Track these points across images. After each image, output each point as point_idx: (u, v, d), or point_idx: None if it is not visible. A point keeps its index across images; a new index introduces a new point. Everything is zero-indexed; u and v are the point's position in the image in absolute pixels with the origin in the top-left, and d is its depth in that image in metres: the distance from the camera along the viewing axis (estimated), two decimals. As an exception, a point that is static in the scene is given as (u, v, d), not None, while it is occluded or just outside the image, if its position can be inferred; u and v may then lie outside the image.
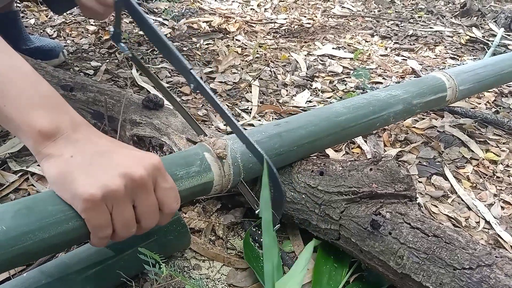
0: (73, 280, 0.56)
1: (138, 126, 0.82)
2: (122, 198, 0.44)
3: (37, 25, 1.56)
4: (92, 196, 0.42)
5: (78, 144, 0.46)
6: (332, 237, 0.67)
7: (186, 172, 0.58)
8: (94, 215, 0.44)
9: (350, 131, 0.78)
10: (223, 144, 0.63)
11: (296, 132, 0.71)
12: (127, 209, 0.46)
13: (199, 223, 0.76)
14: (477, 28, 1.97)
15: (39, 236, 0.43)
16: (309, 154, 0.75)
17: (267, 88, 1.29)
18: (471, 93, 1.04)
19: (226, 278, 0.68)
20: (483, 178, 0.97)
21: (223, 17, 1.83)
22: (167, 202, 0.49)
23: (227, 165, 0.62)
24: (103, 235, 0.46)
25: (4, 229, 0.42)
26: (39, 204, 0.45)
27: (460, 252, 0.55)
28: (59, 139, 0.45)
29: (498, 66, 1.06)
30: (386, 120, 0.84)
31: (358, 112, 0.79)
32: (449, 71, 0.98)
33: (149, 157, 0.48)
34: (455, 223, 0.83)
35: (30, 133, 0.44)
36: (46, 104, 0.46)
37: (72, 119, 0.47)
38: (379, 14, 2.14)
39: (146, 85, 1.19)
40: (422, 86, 0.91)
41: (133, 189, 0.45)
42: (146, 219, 0.48)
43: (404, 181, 0.65)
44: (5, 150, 0.89)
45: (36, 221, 0.44)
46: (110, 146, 0.48)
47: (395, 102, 0.85)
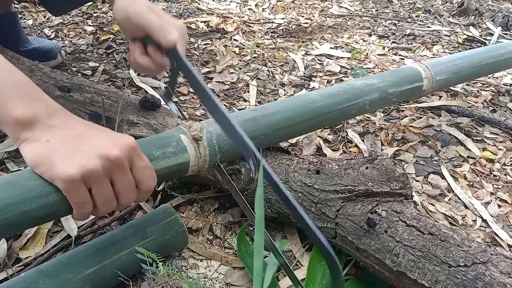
0: (71, 280, 0.56)
1: (135, 127, 0.82)
2: (100, 177, 0.47)
3: (35, 26, 1.56)
4: (71, 176, 0.45)
5: (55, 128, 0.48)
6: (328, 235, 0.68)
7: (162, 153, 0.59)
8: (74, 193, 0.46)
9: (325, 117, 0.80)
10: (199, 126, 0.65)
11: (272, 117, 0.73)
12: (106, 187, 0.48)
13: (196, 222, 0.77)
14: (475, 27, 1.98)
15: (21, 208, 0.46)
16: (286, 139, 0.77)
17: (264, 88, 1.29)
18: (450, 83, 1.06)
19: (224, 277, 0.68)
20: (480, 177, 0.98)
21: (221, 17, 1.83)
22: (143, 180, 0.52)
23: (202, 146, 0.64)
24: (85, 211, 0.48)
25: None
26: (20, 179, 0.47)
27: (455, 250, 0.55)
28: (35, 126, 0.47)
29: (476, 58, 1.08)
30: (362, 108, 0.86)
31: (333, 99, 0.81)
32: (426, 62, 1.00)
33: (124, 138, 0.51)
34: (452, 221, 0.84)
35: (8, 121, 0.47)
36: (22, 93, 0.48)
37: (47, 105, 0.49)
38: (376, 13, 2.14)
39: (144, 85, 1.20)
40: (398, 76, 0.94)
41: (110, 168, 0.47)
42: (124, 196, 0.50)
43: (400, 180, 0.65)
44: (2, 149, 0.89)
45: (18, 194, 0.46)
46: (86, 129, 0.50)
47: (371, 91, 0.87)
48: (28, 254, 0.69)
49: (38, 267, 0.58)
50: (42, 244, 0.71)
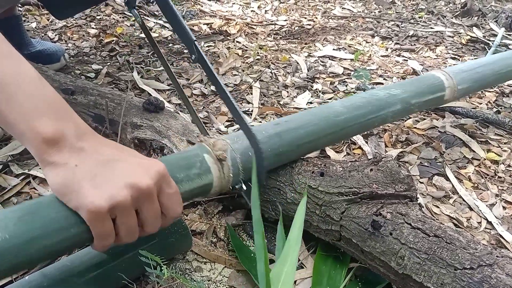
0: (75, 282, 0.56)
1: (139, 129, 0.82)
2: (128, 208, 0.45)
3: (39, 29, 1.57)
4: (99, 208, 0.43)
5: (83, 153, 0.45)
6: (333, 238, 0.67)
7: (186, 175, 0.58)
8: (99, 225, 0.44)
9: (348, 131, 0.79)
10: (223, 145, 0.63)
11: (296, 132, 0.71)
12: (131, 217, 0.46)
13: (200, 225, 0.77)
14: (478, 28, 1.97)
15: (43, 243, 0.44)
16: (308, 153, 0.75)
17: (267, 89, 1.29)
18: (470, 92, 1.04)
19: (228, 280, 0.68)
20: (484, 178, 0.97)
21: (224, 19, 1.83)
22: (171, 207, 0.50)
23: (226, 166, 0.62)
24: (107, 242, 0.46)
25: (7, 238, 0.42)
26: (42, 210, 0.45)
27: (461, 252, 0.55)
28: (63, 147, 0.45)
29: (497, 65, 1.06)
30: (384, 120, 0.84)
31: (357, 111, 0.79)
32: (448, 70, 0.97)
33: (154, 164, 0.48)
34: (456, 223, 0.83)
35: (34, 140, 0.44)
36: (51, 111, 0.46)
37: (76, 126, 0.47)
38: (379, 14, 2.14)
39: (147, 88, 1.20)
40: (421, 85, 0.91)
41: (139, 198, 0.46)
42: (150, 224, 0.49)
43: (405, 182, 0.65)
44: (7, 152, 0.89)
45: (39, 228, 0.44)
46: (116, 154, 0.47)
47: (394, 102, 0.85)
48: (32, 257, 0.69)
49: (43, 270, 0.58)
50: (46, 247, 0.71)
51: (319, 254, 0.72)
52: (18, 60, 0.47)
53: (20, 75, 0.46)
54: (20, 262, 0.43)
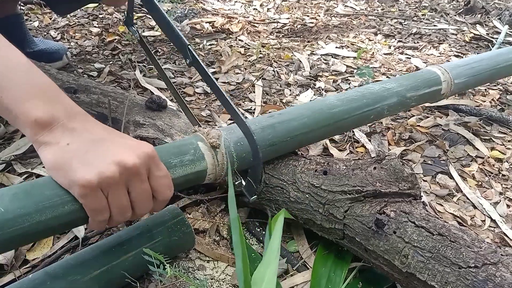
0: (78, 281, 0.56)
1: (142, 127, 0.82)
2: (117, 184, 0.46)
3: (41, 28, 1.57)
4: (89, 182, 0.44)
5: (74, 132, 0.47)
6: (336, 236, 0.67)
7: (180, 161, 0.59)
8: (91, 200, 0.46)
9: (343, 123, 0.79)
10: (217, 134, 0.64)
11: (289, 123, 0.72)
12: (122, 195, 0.48)
13: (203, 223, 0.76)
14: (481, 25, 1.96)
15: (36, 218, 0.45)
16: (303, 146, 0.76)
17: (270, 88, 1.29)
18: (467, 86, 1.05)
19: (231, 278, 0.68)
20: (488, 177, 0.97)
21: (226, 18, 1.83)
22: (160, 190, 0.51)
23: (220, 154, 0.63)
24: (101, 218, 0.48)
25: (2, 211, 0.44)
26: (36, 188, 0.47)
27: (465, 251, 0.54)
28: (55, 128, 0.47)
29: (493, 60, 1.06)
30: (380, 113, 0.85)
31: (352, 104, 0.80)
32: (444, 65, 0.98)
33: (142, 146, 0.50)
34: (460, 221, 0.83)
35: (27, 122, 0.46)
36: (42, 94, 0.48)
37: (67, 107, 0.49)
38: (382, 12, 2.13)
39: (150, 86, 1.20)
40: (417, 79, 0.92)
41: (127, 176, 0.47)
42: (140, 205, 0.50)
43: (408, 180, 0.65)
44: (10, 153, 0.89)
45: (33, 204, 0.46)
46: (106, 134, 0.49)
47: (389, 95, 0.85)
48: (36, 256, 0.69)
49: (46, 268, 0.58)
50: (49, 246, 0.71)
51: (319, 255, 0.72)
52: (6, 47, 0.49)
53: (9, 61, 0.48)
54: (16, 236, 0.44)
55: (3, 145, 0.93)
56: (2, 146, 0.93)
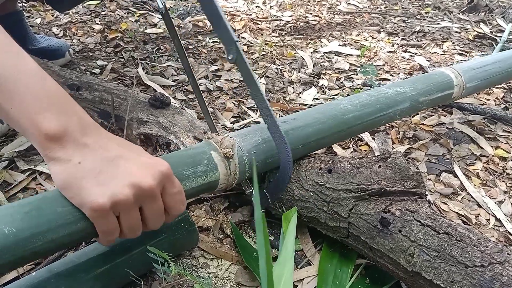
0: (82, 278, 0.56)
1: (145, 125, 0.82)
2: (130, 206, 0.45)
3: (43, 25, 1.57)
4: (101, 206, 0.43)
5: (87, 149, 0.45)
6: (341, 235, 0.67)
7: (193, 172, 0.58)
8: (102, 222, 0.45)
9: (356, 129, 0.78)
10: (230, 143, 0.63)
11: (303, 130, 0.70)
12: (134, 215, 0.47)
13: (207, 221, 0.76)
14: (485, 23, 1.95)
15: (49, 237, 0.44)
16: (313, 151, 0.75)
17: (273, 85, 1.29)
18: (477, 90, 1.04)
19: (235, 276, 0.68)
20: (493, 175, 0.96)
21: (229, 15, 1.82)
22: (174, 206, 0.50)
23: (233, 164, 0.62)
24: (111, 238, 0.47)
25: (15, 231, 0.42)
26: (48, 205, 0.45)
27: (471, 250, 0.54)
28: (67, 143, 0.44)
29: (506, 63, 1.05)
30: (391, 118, 0.84)
31: (365, 110, 0.78)
32: (458, 67, 0.96)
33: (158, 164, 0.48)
34: (465, 220, 0.82)
35: (37, 136, 0.43)
36: (53, 105, 0.44)
37: (80, 120, 0.46)
38: (385, 10, 2.12)
39: (152, 84, 1.19)
40: (430, 83, 0.90)
41: (141, 197, 0.46)
42: (152, 222, 0.49)
43: (414, 178, 0.64)
44: (13, 149, 0.89)
45: (46, 222, 0.44)
46: (120, 151, 0.47)
47: (402, 100, 0.84)
48: (39, 253, 0.69)
49: (49, 266, 0.58)
50: (52, 243, 0.71)
51: (324, 252, 0.71)
52: (18, 54, 0.46)
53: (20, 69, 0.45)
54: (27, 255, 0.44)
55: (6, 142, 0.93)
56: (4, 143, 0.92)
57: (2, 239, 0.42)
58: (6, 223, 0.43)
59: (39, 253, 0.44)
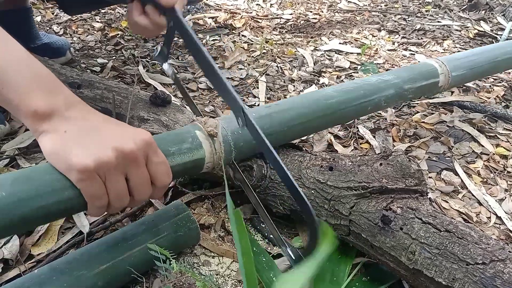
0: (84, 276, 0.56)
1: (146, 123, 0.82)
2: (114, 169, 0.47)
3: (44, 22, 1.56)
4: (85, 166, 0.45)
5: (72, 120, 0.48)
6: (342, 232, 0.67)
7: (178, 149, 0.59)
8: (88, 184, 0.46)
9: (341, 114, 0.79)
10: (214, 123, 0.65)
11: (286, 113, 0.72)
12: (120, 180, 0.48)
13: (208, 219, 0.76)
14: (485, 22, 1.95)
15: (37, 203, 0.46)
16: (301, 136, 0.76)
17: (274, 83, 1.28)
18: (466, 79, 1.06)
19: (236, 274, 0.68)
20: (493, 173, 0.96)
21: (229, 13, 1.82)
22: (159, 176, 0.52)
23: (217, 142, 0.64)
24: (99, 204, 0.48)
25: (4, 195, 0.44)
26: (36, 173, 0.47)
27: (473, 247, 0.54)
28: (54, 117, 0.47)
29: (492, 53, 1.07)
30: (377, 104, 0.85)
31: (349, 95, 0.80)
32: (442, 58, 0.99)
33: (140, 132, 0.51)
34: (466, 218, 0.83)
35: (27, 113, 0.47)
36: (41, 85, 0.48)
37: (66, 98, 0.49)
38: (386, 8, 2.12)
39: (153, 82, 1.19)
40: (414, 72, 0.93)
41: (124, 161, 0.48)
42: (138, 191, 0.50)
43: (415, 176, 0.64)
44: (14, 145, 0.89)
45: (34, 188, 0.46)
46: (103, 122, 0.50)
47: (386, 87, 0.86)
48: (41, 251, 0.69)
49: (51, 263, 0.58)
50: (54, 241, 0.71)
51: (323, 250, 0.71)
52: (6, 40, 0.50)
53: (10, 53, 0.49)
54: (17, 220, 0.45)
55: (7, 140, 0.93)
56: (5, 141, 0.92)
57: None
58: None
59: (28, 219, 0.45)
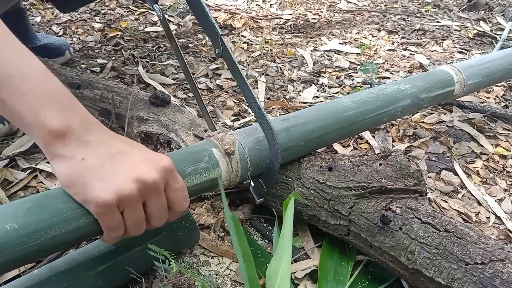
0: (83, 276, 0.56)
1: (146, 123, 0.82)
2: (135, 201, 0.45)
3: (43, 23, 1.56)
4: (105, 202, 0.43)
5: (90, 145, 0.45)
6: (341, 232, 0.67)
7: (194, 169, 0.58)
8: (107, 217, 0.45)
9: (357, 126, 0.78)
10: (231, 140, 0.63)
11: (304, 127, 0.70)
12: (139, 210, 0.47)
13: (208, 219, 0.76)
14: (485, 22, 1.95)
15: (51, 234, 0.44)
16: (317, 149, 0.75)
17: (273, 84, 1.29)
18: (479, 87, 1.04)
19: (235, 274, 0.68)
20: (493, 173, 0.96)
21: (229, 13, 1.82)
22: (177, 202, 0.50)
23: (235, 161, 0.62)
24: (116, 234, 0.47)
25: (16, 227, 0.42)
26: (49, 201, 0.45)
27: (472, 247, 0.54)
28: (69, 140, 0.44)
29: (506, 60, 1.05)
30: (393, 115, 0.84)
31: (366, 107, 0.79)
32: (458, 65, 0.97)
33: (161, 159, 0.48)
34: (465, 218, 0.83)
35: (40, 132, 0.44)
36: (57, 103, 0.45)
37: (83, 118, 0.46)
38: (385, 8, 2.12)
39: (153, 82, 1.19)
40: (430, 80, 0.91)
41: (146, 192, 0.46)
42: (155, 218, 0.49)
43: (414, 176, 0.64)
44: (14, 149, 0.89)
45: (47, 219, 0.44)
46: (122, 147, 0.47)
47: (403, 97, 0.84)
48: (40, 251, 0.69)
49: (51, 263, 0.58)
50: (53, 241, 0.71)
51: (325, 248, 0.72)
52: (23, 52, 0.47)
53: (24, 67, 0.45)
54: (30, 252, 0.43)
55: (7, 140, 0.93)
56: (5, 142, 0.92)
57: (4, 235, 0.42)
58: (8, 219, 0.43)
59: (41, 250, 0.44)
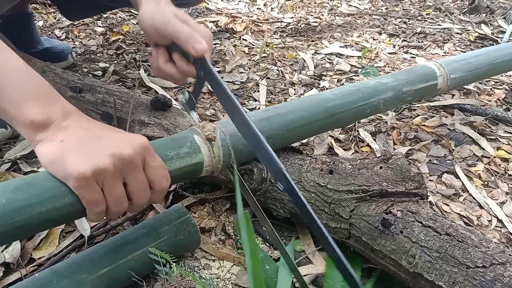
0: (85, 280, 0.56)
1: (147, 127, 0.82)
2: (112, 175, 0.47)
3: (46, 27, 1.57)
4: (82, 174, 0.45)
5: (68, 129, 0.48)
6: (342, 236, 0.67)
7: (176, 153, 0.60)
8: (86, 191, 0.46)
9: (339, 117, 0.80)
10: (212, 127, 0.65)
11: (285, 116, 0.73)
12: (117, 186, 0.48)
13: (209, 222, 0.76)
14: (486, 24, 1.95)
15: (37, 210, 0.46)
16: (301, 139, 0.76)
17: (274, 87, 1.29)
18: (465, 82, 1.06)
19: (236, 278, 0.68)
20: (494, 176, 0.96)
21: (230, 17, 1.83)
22: (157, 180, 0.52)
23: (216, 146, 0.64)
24: (97, 210, 0.48)
25: (4, 202, 0.45)
26: (37, 180, 0.48)
27: (473, 251, 0.54)
28: (50, 127, 0.48)
29: (490, 56, 1.07)
30: (376, 107, 0.85)
31: (347, 98, 0.81)
32: (440, 60, 1.00)
33: (137, 137, 0.51)
34: (467, 221, 0.82)
35: (24, 123, 0.47)
36: (38, 96, 0.49)
37: (62, 108, 0.50)
38: (386, 11, 2.13)
39: (154, 86, 1.20)
40: (412, 74, 0.93)
41: (122, 167, 0.48)
42: (137, 195, 0.51)
43: (415, 179, 0.64)
44: (16, 153, 0.90)
45: (34, 195, 0.46)
46: (100, 129, 0.51)
47: (385, 90, 0.86)
48: (42, 254, 0.69)
49: (52, 267, 0.58)
50: (55, 244, 0.71)
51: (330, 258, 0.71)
52: (3, 51, 0.50)
53: (6, 64, 0.49)
54: (18, 227, 0.45)
55: (9, 144, 0.93)
56: (7, 145, 0.93)
57: None
58: None
59: (29, 225, 0.46)
